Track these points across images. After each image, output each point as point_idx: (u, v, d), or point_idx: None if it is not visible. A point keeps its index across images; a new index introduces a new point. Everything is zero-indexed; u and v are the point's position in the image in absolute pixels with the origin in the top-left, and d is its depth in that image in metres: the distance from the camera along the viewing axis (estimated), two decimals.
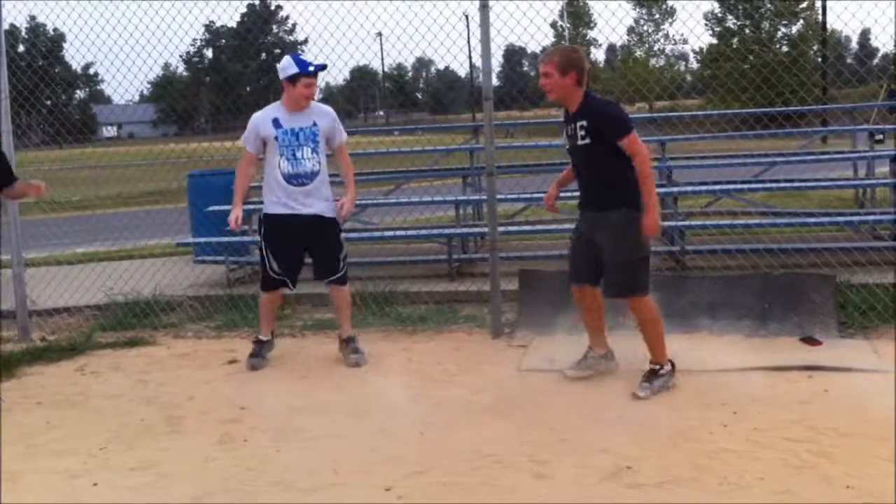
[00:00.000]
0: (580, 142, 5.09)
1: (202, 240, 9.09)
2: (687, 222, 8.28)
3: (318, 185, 5.94)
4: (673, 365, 5.22)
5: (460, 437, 4.59)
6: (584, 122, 5.05)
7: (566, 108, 5.23)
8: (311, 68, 5.83)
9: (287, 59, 5.94)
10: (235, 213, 5.98)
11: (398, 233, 8.93)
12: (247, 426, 4.95)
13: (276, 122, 5.91)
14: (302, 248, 6.07)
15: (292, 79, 5.82)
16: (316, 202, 5.94)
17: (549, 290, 6.61)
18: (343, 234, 6.22)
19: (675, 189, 8.62)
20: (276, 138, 5.89)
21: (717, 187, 8.83)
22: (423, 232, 8.94)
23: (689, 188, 8.94)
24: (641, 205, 4.99)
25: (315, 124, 5.92)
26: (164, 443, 4.78)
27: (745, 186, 8.85)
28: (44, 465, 4.53)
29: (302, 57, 5.98)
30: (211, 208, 8.89)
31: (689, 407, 4.82)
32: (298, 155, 5.89)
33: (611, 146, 4.98)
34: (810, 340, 5.87)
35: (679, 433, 4.45)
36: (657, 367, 5.17)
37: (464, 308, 7.38)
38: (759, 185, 8.99)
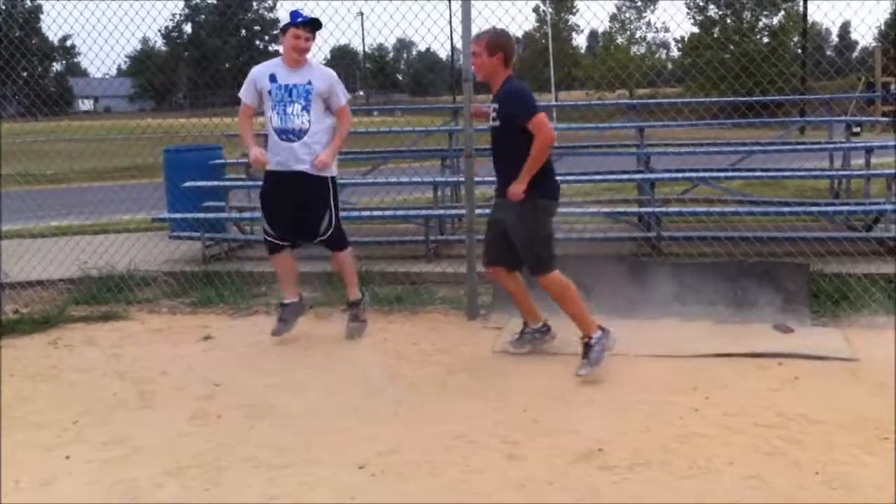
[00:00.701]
0: (493, 122, 5.30)
1: (178, 215, 9.03)
2: (663, 209, 8.32)
3: (308, 143, 5.86)
4: (604, 329, 5.31)
5: (434, 417, 4.61)
6: (497, 105, 5.25)
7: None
8: (299, 20, 5.80)
9: (285, 12, 6.00)
10: (254, 152, 5.95)
11: (376, 213, 8.91)
12: (220, 403, 4.95)
13: (272, 77, 5.89)
14: (293, 207, 5.99)
15: (284, 30, 5.86)
16: (303, 160, 5.88)
17: (525, 272, 6.62)
18: (337, 199, 6.13)
19: (653, 175, 8.66)
20: (269, 92, 5.89)
21: (695, 175, 8.88)
22: (401, 213, 8.93)
23: (667, 175, 8.99)
24: (545, 189, 5.27)
25: (310, 83, 5.85)
26: (137, 417, 4.77)
27: (722, 174, 8.92)
28: (18, 437, 4.51)
29: (299, 10, 5.92)
30: (187, 184, 8.84)
31: (660, 391, 4.86)
32: (288, 111, 5.85)
33: (518, 129, 5.14)
34: (783, 328, 5.93)
35: (650, 416, 4.49)
36: (588, 339, 5.25)
37: (440, 289, 7.38)
38: (736, 174, 9.06)
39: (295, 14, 5.84)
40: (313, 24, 5.86)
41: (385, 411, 4.73)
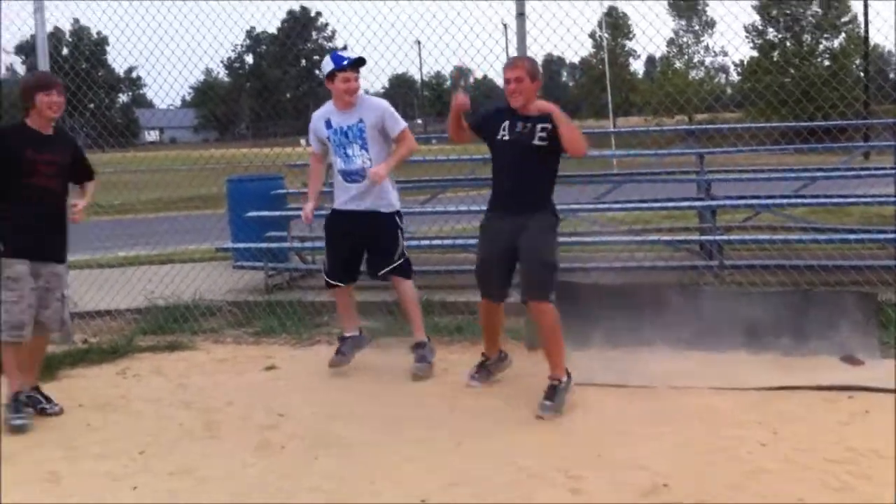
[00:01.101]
0: (536, 141, 5.26)
1: (241, 245, 9.18)
2: (725, 237, 8.23)
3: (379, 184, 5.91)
4: (569, 374, 5.30)
5: (496, 450, 4.60)
6: (548, 125, 5.21)
7: (513, 108, 5.37)
8: (345, 62, 5.86)
9: (326, 58, 6.02)
10: (307, 207, 6.13)
11: (435, 242, 8.95)
12: (284, 433, 5.00)
13: (328, 123, 6.00)
14: (356, 249, 6.08)
15: (330, 76, 5.89)
16: (369, 199, 5.94)
17: (585, 302, 6.60)
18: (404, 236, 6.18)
19: (714, 203, 8.57)
20: (328, 138, 6.00)
21: (757, 202, 8.77)
22: (461, 242, 8.95)
23: (728, 202, 8.89)
24: (555, 209, 5.45)
25: (361, 121, 5.91)
26: (203, 448, 4.84)
27: (786, 201, 8.79)
28: (85, 467, 4.61)
29: (340, 53, 6.02)
30: (250, 214, 8.98)
31: (726, 425, 4.79)
32: (349, 153, 5.93)
33: (558, 152, 5.28)
34: (851, 360, 5.80)
35: (716, 451, 4.42)
36: (557, 381, 5.22)
37: None
38: (800, 201, 8.92)
39: (339, 58, 5.91)
40: (359, 64, 5.94)
41: (447, 443, 4.73)
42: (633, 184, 9.57)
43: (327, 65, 5.92)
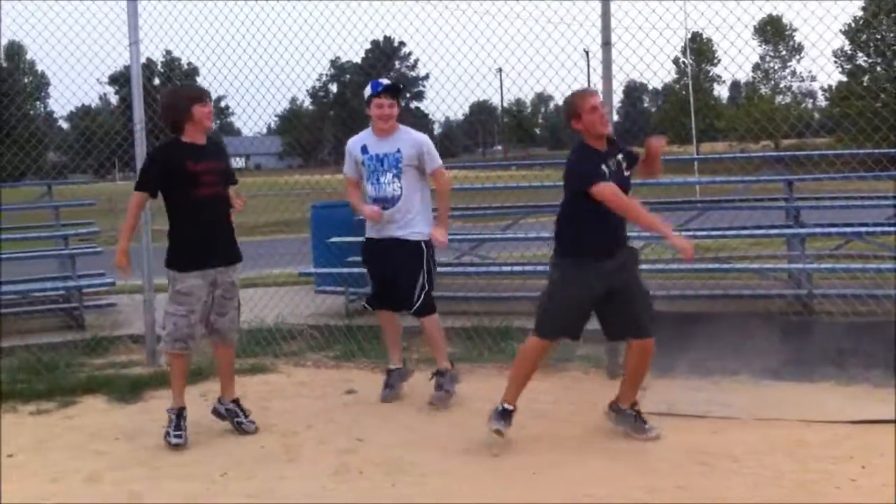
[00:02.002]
0: (626, 172, 5.07)
1: (323, 270, 9.28)
2: (815, 265, 8.02)
3: (400, 210, 5.91)
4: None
5: (573, 479, 4.53)
6: (622, 156, 5.05)
7: (595, 144, 4.97)
8: (379, 88, 5.86)
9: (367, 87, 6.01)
10: (366, 209, 5.97)
11: (516, 268, 8.91)
12: (362, 458, 5.01)
13: (364, 149, 6.00)
14: (387, 276, 6.07)
15: (367, 102, 5.92)
16: (396, 227, 5.94)
17: (667, 331, 6.46)
18: (432, 264, 6.07)
19: (803, 230, 8.36)
20: (363, 163, 6.00)
21: (848, 229, 8.52)
22: (541, 268, 8.88)
23: (819, 230, 8.65)
24: None
25: (399, 151, 5.90)
26: (282, 471, 4.88)
27: (878, 229, 8.51)
28: (167, 487, 4.68)
29: (379, 80, 6.00)
30: (332, 239, 9.08)
31: (814, 459, 4.64)
32: (382, 180, 5.92)
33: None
34: None
35: (803, 486, 4.28)
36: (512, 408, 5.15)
37: (580, 347, 7.28)
38: (892, 229, 8.63)
39: (375, 84, 5.91)
40: (393, 91, 5.92)
41: (523, 471, 4.68)
42: (718, 210, 9.38)
43: (366, 90, 5.95)
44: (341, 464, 4.91)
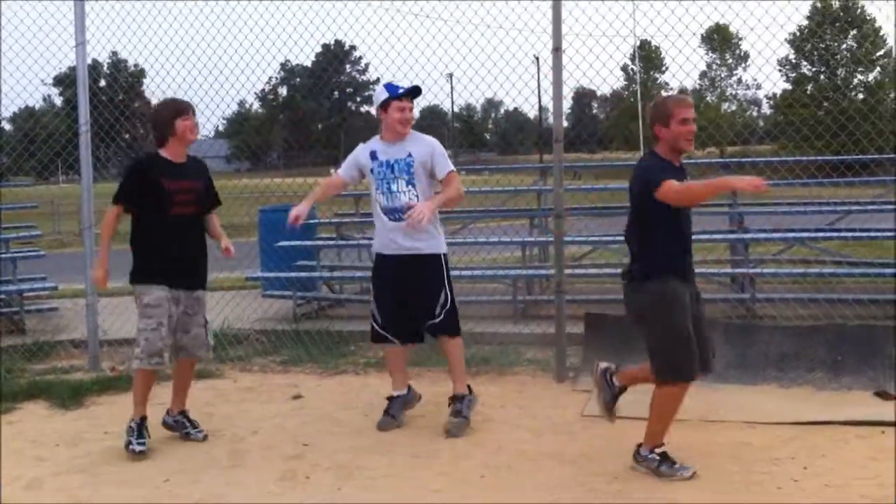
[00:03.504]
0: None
1: (271, 275, 9.22)
2: (758, 269, 8.14)
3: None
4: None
5: (521, 483, 4.54)
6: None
7: (671, 157, 4.64)
8: (401, 91, 5.51)
9: (379, 87, 5.71)
10: (297, 210, 5.57)
11: (464, 272, 8.93)
12: (309, 463, 4.97)
13: (373, 155, 5.59)
14: (404, 296, 5.54)
15: (384, 105, 5.51)
16: (412, 239, 5.47)
17: (615, 334, 6.53)
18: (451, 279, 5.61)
19: (747, 235, 8.49)
20: (371, 171, 5.58)
21: (791, 235, 8.67)
22: (490, 272, 8.93)
23: (762, 235, 8.79)
24: None
25: (410, 155, 5.49)
26: (228, 477, 4.82)
27: (819, 235, 8.68)
28: (109, 493, 4.61)
29: (394, 83, 5.64)
30: (280, 243, 9.02)
31: (757, 460, 4.70)
32: (394, 188, 5.49)
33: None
34: (884, 395, 5.69)
35: (746, 487, 4.34)
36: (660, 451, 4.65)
37: (528, 350, 7.33)
38: (834, 234, 8.80)
39: (393, 87, 5.53)
40: (415, 93, 5.60)
41: (472, 475, 4.68)
42: None
43: (381, 94, 5.57)
44: (288, 469, 4.87)
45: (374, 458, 4.99)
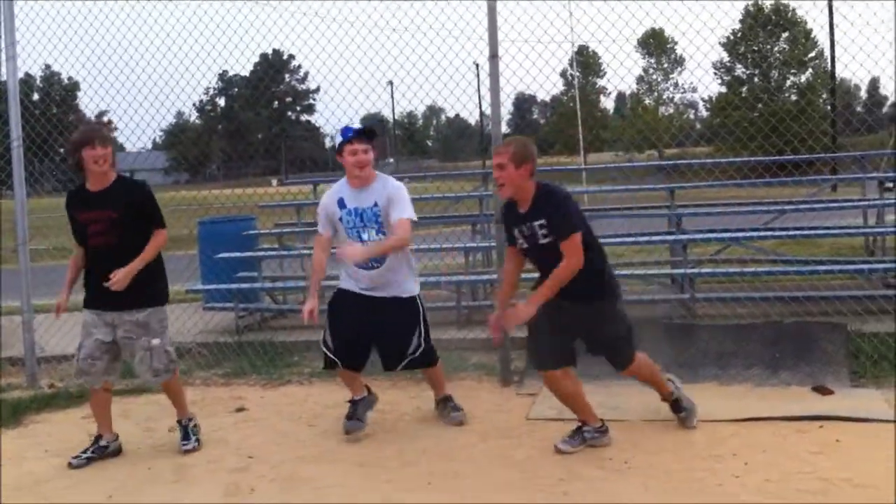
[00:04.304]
0: (542, 241, 4.76)
1: (212, 287, 9.11)
2: (696, 270, 8.27)
3: (390, 268, 5.35)
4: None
5: (468, 487, 4.56)
6: (543, 221, 4.72)
7: (511, 206, 4.91)
8: (352, 133, 5.31)
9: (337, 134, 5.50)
10: (309, 305, 5.32)
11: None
12: (255, 475, 4.92)
13: (341, 202, 5.40)
14: (365, 332, 5.41)
15: (339, 151, 5.36)
16: (388, 286, 5.40)
17: None
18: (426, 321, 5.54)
19: (685, 236, 8.61)
20: (340, 219, 5.40)
21: (727, 235, 8.82)
22: (433, 279, 8.93)
23: (699, 236, 8.93)
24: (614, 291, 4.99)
25: (376, 204, 5.30)
26: (172, 492, 4.76)
27: (755, 234, 8.84)
28: None
29: (349, 125, 5.44)
30: (221, 255, 8.93)
31: (698, 457, 4.77)
32: (364, 237, 5.33)
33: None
34: (822, 390, 5.81)
35: (688, 483, 4.40)
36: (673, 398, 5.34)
37: (472, 356, 7.35)
38: (769, 233, 8.97)
39: (346, 130, 5.34)
40: (368, 134, 5.38)
41: (418, 482, 4.68)
42: (605, 219, 9.60)
43: (336, 138, 5.43)
44: (232, 482, 4.82)
45: (320, 468, 4.97)
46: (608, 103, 62.56)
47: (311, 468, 4.99)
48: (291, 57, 63.29)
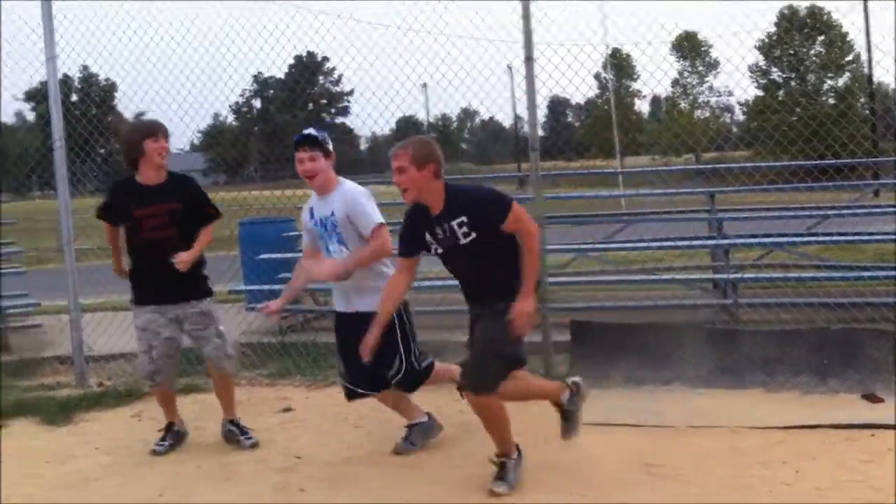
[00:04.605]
0: (463, 240, 4.45)
1: (254, 287, 9.18)
2: (739, 275, 8.22)
3: (356, 280, 5.00)
4: (519, 452, 4.76)
5: (516, 491, 4.56)
6: (464, 218, 4.42)
7: (421, 210, 4.57)
8: (296, 138, 5.10)
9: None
10: (275, 303, 5.32)
11: (446, 282, 8.92)
12: (302, 475, 4.97)
13: (311, 212, 5.21)
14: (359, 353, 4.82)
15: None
16: (354, 299, 5.09)
17: (601, 341, 6.60)
18: (408, 332, 5.12)
19: (727, 241, 8.56)
20: (311, 230, 5.26)
21: (770, 240, 8.75)
22: (439, 283, 8.92)
23: (741, 241, 8.87)
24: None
25: (333, 213, 5.03)
26: (221, 491, 4.81)
27: (799, 239, 8.76)
28: None
29: (306, 130, 5.15)
30: (262, 256, 9.00)
31: (747, 464, 4.75)
32: (330, 248, 5.11)
33: (494, 234, 4.42)
34: (872, 397, 5.76)
35: (738, 491, 4.38)
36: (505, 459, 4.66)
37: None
38: (813, 239, 8.90)
39: (295, 137, 5.13)
40: (309, 141, 5.03)
41: (467, 485, 4.69)
42: (643, 223, 9.57)
43: None
44: (281, 481, 4.88)
45: (368, 470, 5.01)
46: (643, 106, 62.23)
47: (359, 469, 5.03)
48: (326, 59, 63.55)
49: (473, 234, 4.43)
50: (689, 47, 55.48)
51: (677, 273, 9.04)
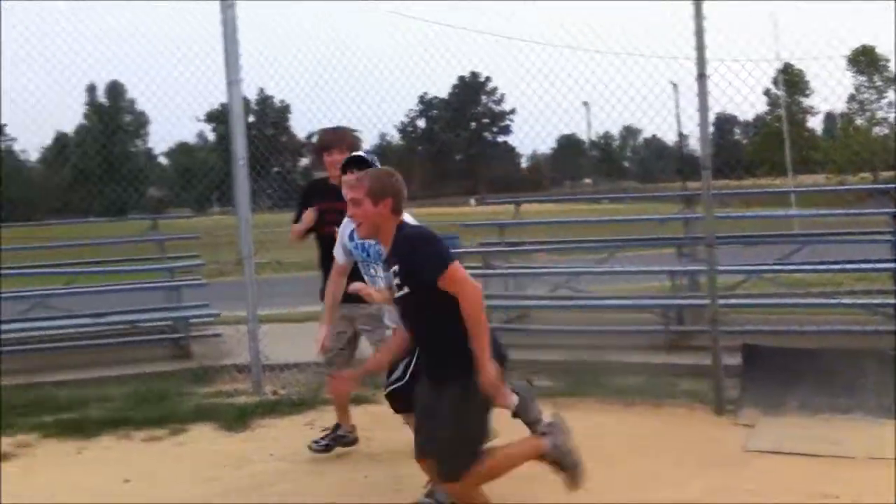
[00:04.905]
0: (398, 292, 4.04)
1: None
2: None
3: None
4: None
5: None
6: (396, 267, 4.00)
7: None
8: (344, 161, 4.97)
9: None
10: (322, 334, 5.28)
11: (613, 302, 8.83)
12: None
13: (351, 235, 4.98)
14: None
15: None
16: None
17: (775, 366, 6.38)
18: None
19: None
20: (351, 253, 5.13)
21: None
22: (640, 302, 8.81)
23: None
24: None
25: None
26: (388, 501, 4.90)
27: None
28: None
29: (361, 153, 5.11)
30: None
31: None
32: (371, 272, 4.99)
33: (434, 292, 3.87)
34: None
35: None
36: None
37: (682, 382, 7.17)
38: None
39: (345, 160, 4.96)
40: (356, 163, 4.81)
41: None
42: (823, 244, 9.18)
43: None
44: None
45: (532, 487, 4.99)
46: (815, 123, 59.77)
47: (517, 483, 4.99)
48: (488, 79, 64.31)
49: (406, 289, 3.98)
50: (867, 62, 52.98)
51: (859, 297, 8.60)
